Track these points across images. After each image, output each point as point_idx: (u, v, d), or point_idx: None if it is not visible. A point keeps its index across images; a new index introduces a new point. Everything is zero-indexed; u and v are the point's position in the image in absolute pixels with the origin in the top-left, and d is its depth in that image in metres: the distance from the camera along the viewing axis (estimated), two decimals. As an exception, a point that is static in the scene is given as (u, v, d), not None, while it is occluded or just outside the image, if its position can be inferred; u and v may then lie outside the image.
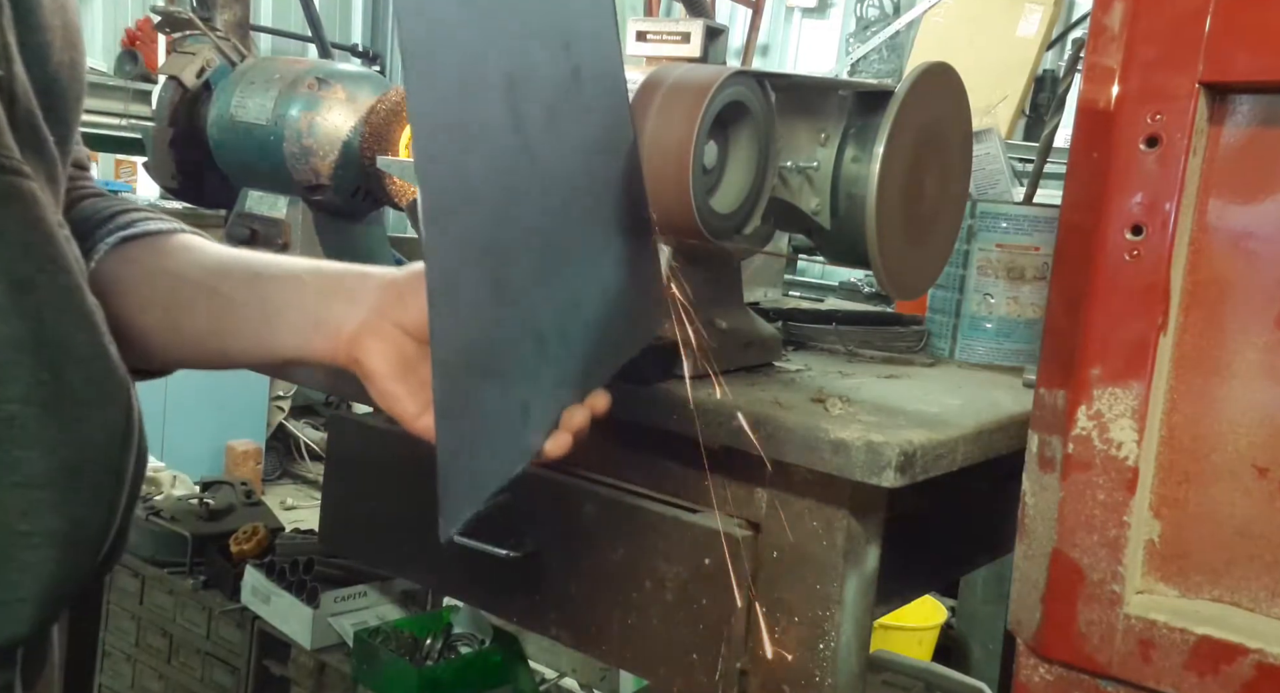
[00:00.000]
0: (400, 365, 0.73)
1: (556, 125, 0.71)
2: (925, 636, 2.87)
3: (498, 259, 0.67)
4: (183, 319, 0.79)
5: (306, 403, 5.11)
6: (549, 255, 0.72)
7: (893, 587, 0.98)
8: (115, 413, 0.68)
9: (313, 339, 0.76)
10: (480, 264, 0.66)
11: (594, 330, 0.78)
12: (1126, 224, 0.72)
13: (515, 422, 0.71)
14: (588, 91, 0.75)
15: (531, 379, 0.72)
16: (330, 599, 1.90)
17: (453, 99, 0.62)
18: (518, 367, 0.71)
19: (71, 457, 0.65)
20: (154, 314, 0.78)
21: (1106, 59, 0.73)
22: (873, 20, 5.45)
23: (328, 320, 0.75)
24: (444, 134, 0.62)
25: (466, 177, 0.64)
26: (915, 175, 0.98)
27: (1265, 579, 0.73)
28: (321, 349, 0.76)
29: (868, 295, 3.62)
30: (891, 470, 0.83)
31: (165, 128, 1.43)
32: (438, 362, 0.62)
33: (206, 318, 0.78)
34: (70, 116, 0.72)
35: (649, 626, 0.98)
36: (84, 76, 0.74)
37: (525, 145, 0.68)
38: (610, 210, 0.80)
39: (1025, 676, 0.80)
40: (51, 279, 0.65)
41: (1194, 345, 0.74)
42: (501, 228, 0.67)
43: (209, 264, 0.80)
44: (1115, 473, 0.74)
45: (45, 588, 0.65)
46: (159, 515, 2.18)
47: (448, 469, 0.64)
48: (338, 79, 1.35)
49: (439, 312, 0.62)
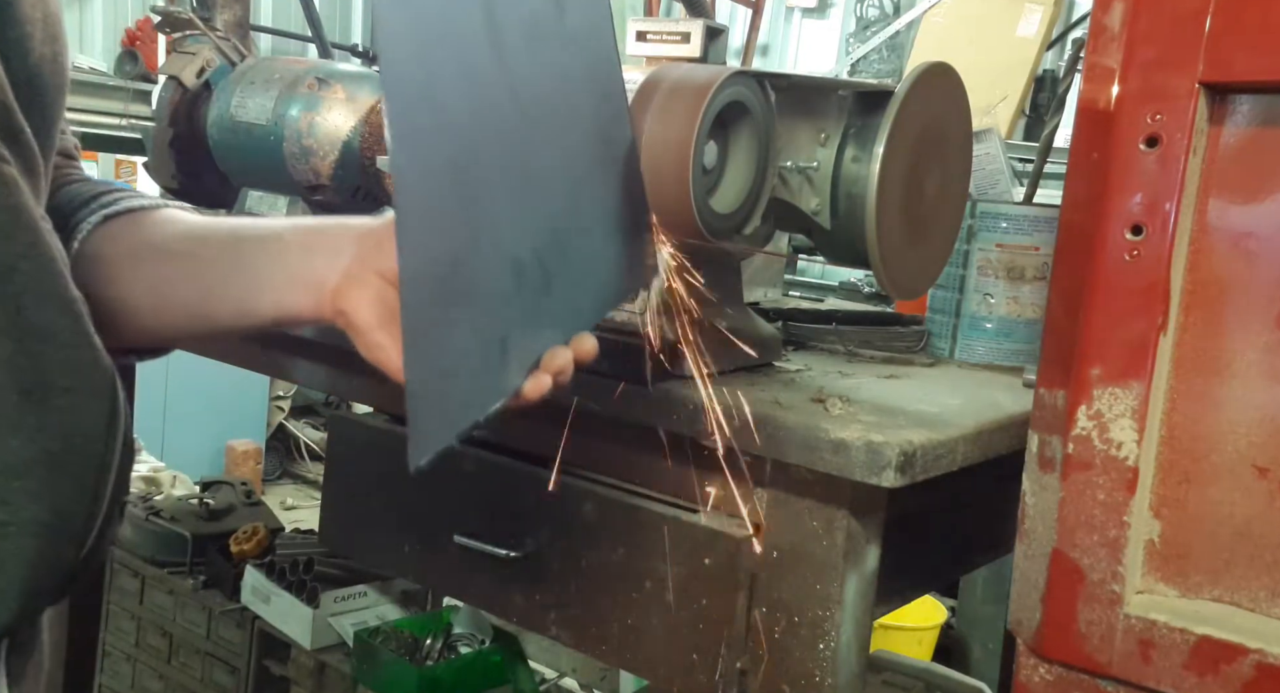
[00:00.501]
0: (386, 315, 0.71)
1: (536, 52, 0.69)
2: (925, 636, 2.87)
3: (470, 182, 0.65)
4: (168, 290, 0.78)
5: (306, 403, 5.11)
6: (527, 186, 0.71)
7: (893, 587, 0.98)
8: (99, 402, 0.68)
9: (296, 296, 0.75)
10: (451, 186, 0.64)
11: (578, 270, 0.76)
12: (1126, 224, 0.72)
13: (492, 356, 0.69)
14: (571, 23, 0.73)
15: (509, 312, 0.70)
16: (330, 599, 1.90)
17: (426, 4, 0.60)
18: (493, 296, 0.68)
19: (53, 446, 0.65)
20: (140, 289, 0.78)
21: (1106, 59, 0.73)
22: (873, 20, 5.45)
23: (310, 275, 0.74)
24: (413, 39, 0.59)
25: (437, 92, 0.62)
26: (915, 175, 0.98)
27: (1265, 579, 0.73)
28: (306, 305, 0.75)
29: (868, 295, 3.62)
30: (891, 470, 0.83)
31: (165, 128, 1.43)
32: (406, 283, 0.60)
33: (191, 286, 0.78)
34: (53, 111, 0.72)
35: (649, 626, 0.98)
36: (67, 70, 0.73)
37: (502, 66, 0.67)
38: (594, 150, 0.78)
39: (1025, 676, 0.80)
40: (33, 267, 0.64)
41: (1194, 345, 0.74)
42: (474, 151, 0.65)
43: (189, 233, 0.80)
44: (1115, 473, 0.74)
45: (26, 578, 0.65)
46: (159, 515, 2.18)
47: (417, 398, 0.62)
48: (338, 79, 1.35)
49: (407, 231, 0.60)
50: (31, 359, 0.64)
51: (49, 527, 0.65)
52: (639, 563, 0.98)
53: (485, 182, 0.67)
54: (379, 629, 1.83)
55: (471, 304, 0.67)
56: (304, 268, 0.75)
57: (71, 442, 0.66)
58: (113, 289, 0.76)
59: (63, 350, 0.66)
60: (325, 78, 1.35)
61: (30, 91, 0.68)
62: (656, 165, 0.89)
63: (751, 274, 1.50)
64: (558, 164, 0.74)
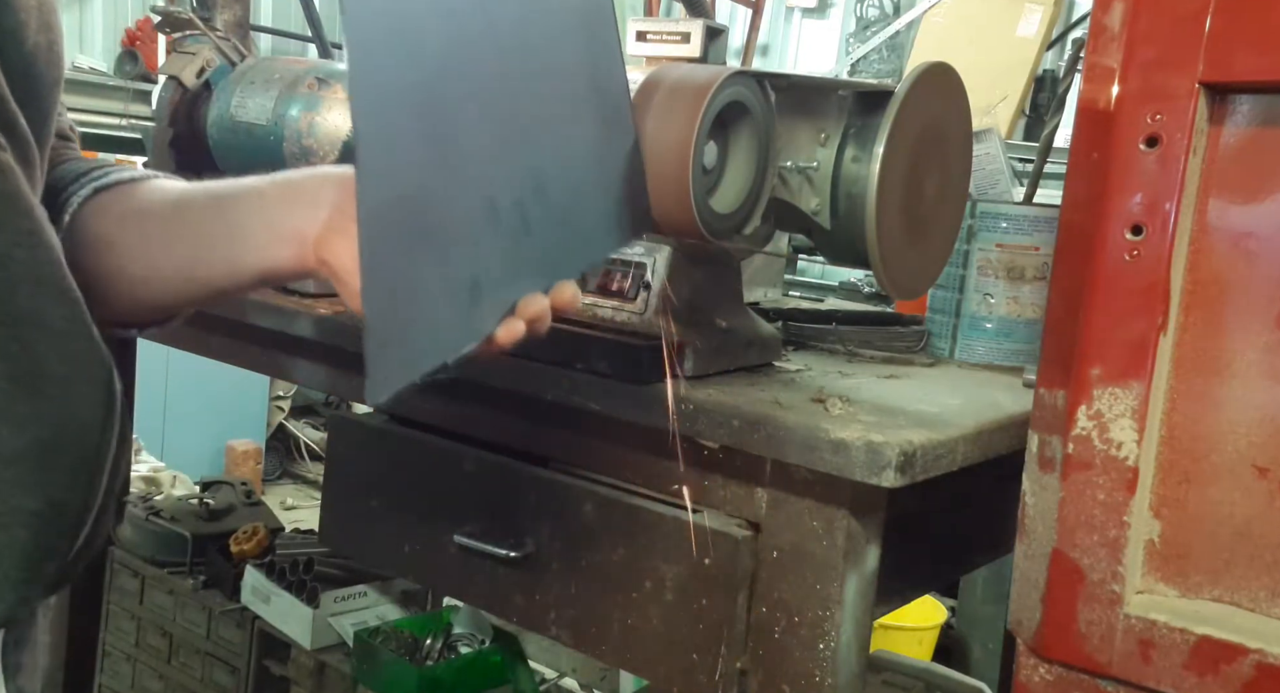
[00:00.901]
0: None
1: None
2: (925, 636, 2.87)
3: (440, 114, 0.64)
4: (157, 257, 0.78)
5: (306, 403, 5.11)
6: (505, 125, 0.69)
7: (893, 587, 0.98)
8: (95, 393, 0.68)
9: (279, 249, 0.75)
10: (417, 114, 0.62)
11: (563, 217, 0.75)
12: (1126, 224, 0.72)
13: (461, 296, 0.67)
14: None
15: (482, 253, 0.68)
16: (330, 599, 1.90)
17: None
18: (464, 235, 0.67)
19: (46, 435, 0.65)
20: (130, 258, 0.77)
21: (1106, 59, 0.73)
22: (873, 20, 5.45)
23: (291, 227, 0.74)
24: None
25: (404, 12, 0.60)
26: (915, 175, 0.98)
27: (1265, 579, 0.73)
28: (289, 257, 0.75)
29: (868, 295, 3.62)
30: (891, 470, 0.83)
31: (165, 128, 1.43)
32: (364, 209, 0.59)
33: (178, 250, 0.78)
34: (48, 101, 0.72)
35: (649, 626, 0.98)
36: (62, 59, 0.73)
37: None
38: (583, 93, 0.76)
39: (1025, 676, 0.80)
40: (28, 254, 0.64)
41: (1194, 345, 0.74)
42: (445, 82, 0.64)
43: (174, 198, 0.79)
44: (1115, 473, 0.74)
45: (19, 569, 0.64)
46: (159, 515, 2.18)
47: (374, 331, 0.60)
48: (338, 79, 1.35)
49: (367, 154, 0.59)
50: (24, 347, 0.63)
51: (41, 517, 0.65)
52: (639, 563, 0.98)
53: (458, 116, 0.65)
54: (379, 629, 1.83)
55: (439, 240, 0.65)
56: (284, 220, 0.75)
57: (65, 431, 0.66)
58: (104, 261, 0.76)
59: (58, 339, 0.65)
60: (325, 78, 1.35)
61: (25, 81, 0.68)
62: (657, 166, 0.89)
63: (751, 274, 1.50)
64: (540, 105, 0.72)
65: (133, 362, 1.76)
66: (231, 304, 1.28)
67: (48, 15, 0.71)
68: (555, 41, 0.74)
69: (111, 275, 0.76)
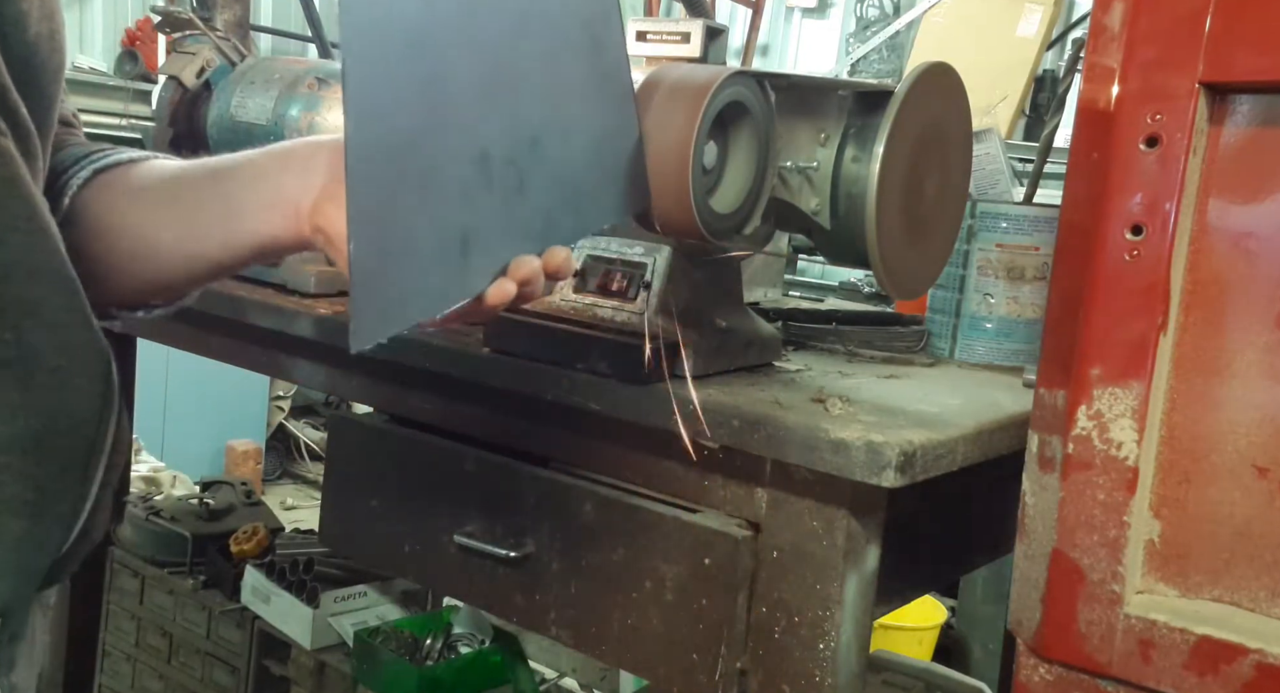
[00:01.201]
0: None
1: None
2: (925, 636, 2.87)
3: (432, 60, 0.64)
4: (156, 235, 0.78)
5: (306, 403, 5.11)
6: (500, 79, 0.69)
7: (893, 587, 0.98)
8: (91, 382, 0.67)
9: (274, 218, 0.74)
10: (408, 57, 0.62)
11: (558, 181, 0.74)
12: (1126, 224, 0.72)
13: (451, 250, 0.67)
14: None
15: (474, 208, 0.68)
16: (330, 599, 1.90)
17: None
18: (455, 187, 0.66)
19: (39, 424, 0.64)
20: (130, 237, 0.77)
21: (1106, 59, 0.73)
22: (873, 20, 5.45)
23: (285, 196, 0.74)
24: None
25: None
26: (915, 175, 0.98)
27: (1265, 579, 0.73)
28: (284, 226, 0.74)
29: (868, 295, 3.62)
30: (891, 470, 0.83)
31: (165, 128, 1.43)
32: (352, 152, 0.58)
33: (176, 227, 0.77)
34: (50, 91, 0.71)
35: (649, 626, 0.98)
36: (64, 48, 0.73)
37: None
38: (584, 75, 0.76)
39: (1025, 676, 0.80)
40: (25, 240, 0.64)
41: (1194, 345, 0.74)
42: (437, 27, 0.64)
43: (171, 175, 0.79)
44: (1115, 473, 0.74)
45: (12, 558, 0.64)
46: (159, 515, 2.18)
47: (359, 277, 0.60)
48: (338, 79, 1.35)
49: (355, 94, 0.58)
50: (15, 333, 0.63)
51: (32, 505, 0.64)
52: (639, 563, 0.98)
53: (450, 64, 0.65)
54: (379, 629, 1.83)
55: (428, 189, 0.64)
56: (277, 190, 0.74)
57: (57, 421, 0.65)
58: (103, 241, 0.76)
59: (52, 328, 0.65)
60: (325, 78, 1.35)
61: (28, 70, 0.67)
62: (657, 165, 0.89)
63: (751, 274, 1.50)
64: (537, 63, 0.72)
65: (133, 361, 1.76)
66: (231, 304, 1.28)
67: (50, 4, 0.70)
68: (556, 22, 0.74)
69: (111, 255, 0.76)
